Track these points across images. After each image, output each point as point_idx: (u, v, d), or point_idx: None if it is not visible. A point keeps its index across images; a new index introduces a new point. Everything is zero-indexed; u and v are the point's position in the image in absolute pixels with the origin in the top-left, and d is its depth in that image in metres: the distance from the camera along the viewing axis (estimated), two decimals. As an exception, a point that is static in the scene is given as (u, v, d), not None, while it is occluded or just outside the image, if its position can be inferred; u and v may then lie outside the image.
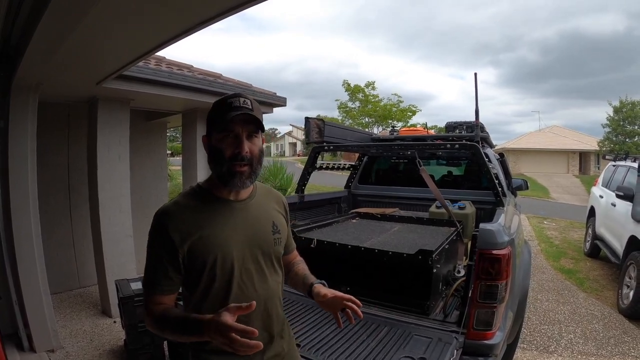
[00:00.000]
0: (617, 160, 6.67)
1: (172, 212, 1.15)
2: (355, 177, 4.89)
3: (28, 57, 2.50)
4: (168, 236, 1.12)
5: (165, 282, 1.15)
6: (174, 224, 1.13)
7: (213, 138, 1.18)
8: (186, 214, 1.16)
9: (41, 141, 3.38)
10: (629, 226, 4.66)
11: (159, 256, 1.14)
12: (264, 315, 1.25)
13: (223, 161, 1.15)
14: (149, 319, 1.17)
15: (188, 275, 1.17)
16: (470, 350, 2.05)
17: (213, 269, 1.15)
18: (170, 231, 1.12)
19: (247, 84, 5.12)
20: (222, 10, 1.95)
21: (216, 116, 1.17)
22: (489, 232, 2.10)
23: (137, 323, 3.08)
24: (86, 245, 4.73)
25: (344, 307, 1.28)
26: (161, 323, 1.15)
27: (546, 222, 10.86)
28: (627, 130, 25.48)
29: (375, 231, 3.19)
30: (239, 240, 1.20)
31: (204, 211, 1.19)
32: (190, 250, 1.13)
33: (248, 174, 1.18)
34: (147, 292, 1.18)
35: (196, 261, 1.14)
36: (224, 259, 1.16)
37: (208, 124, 1.21)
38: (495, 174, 3.29)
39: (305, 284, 1.41)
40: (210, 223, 1.17)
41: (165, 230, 1.12)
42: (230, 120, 1.13)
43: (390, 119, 24.72)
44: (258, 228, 1.26)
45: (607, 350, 3.60)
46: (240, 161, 1.15)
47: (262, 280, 1.24)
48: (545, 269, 6.29)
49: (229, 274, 1.17)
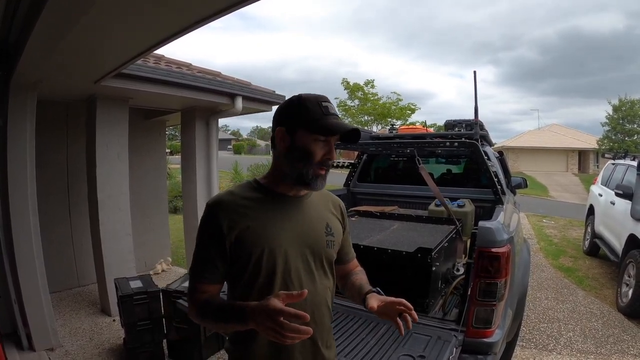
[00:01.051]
0: (616, 158, 6.68)
1: (223, 202, 1.15)
2: (355, 175, 4.88)
3: (27, 56, 2.49)
4: (217, 224, 1.12)
5: (211, 270, 1.15)
6: (224, 212, 1.13)
7: (301, 136, 1.13)
8: (237, 203, 1.16)
9: (40, 140, 3.38)
10: (628, 224, 4.66)
11: (207, 244, 1.14)
12: (310, 321, 1.05)
13: (311, 163, 1.14)
14: (191, 307, 1.16)
15: (233, 266, 1.16)
16: (469, 348, 2.05)
17: (259, 262, 1.13)
18: (219, 219, 1.12)
19: (246, 82, 5.11)
20: (220, 8, 1.94)
21: (311, 116, 1.13)
22: (488, 230, 2.10)
23: (136, 321, 3.08)
24: (85, 244, 4.73)
25: (399, 312, 1.16)
26: (204, 310, 1.13)
27: (545, 220, 10.86)
28: (627, 129, 25.51)
29: (374, 229, 3.19)
30: (288, 236, 1.17)
31: (257, 203, 1.17)
32: (238, 240, 1.12)
33: (325, 177, 1.19)
34: (193, 281, 1.17)
35: (242, 252, 1.13)
36: (270, 253, 1.13)
37: (293, 119, 1.14)
38: (494, 172, 3.29)
39: (360, 294, 1.32)
40: (261, 215, 1.16)
41: (215, 218, 1.13)
42: (331, 126, 1.12)
43: (390, 117, 24.70)
44: (310, 227, 1.22)
45: (606, 348, 3.60)
46: (326, 166, 1.17)
47: (310, 282, 1.19)
48: (544, 267, 6.30)
49: (273, 269, 1.14)
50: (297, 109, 1.14)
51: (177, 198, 10.01)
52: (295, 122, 1.14)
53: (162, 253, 5.94)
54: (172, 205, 9.73)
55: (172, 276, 5.24)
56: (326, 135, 1.14)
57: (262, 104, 5.27)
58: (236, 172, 14.34)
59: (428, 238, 2.84)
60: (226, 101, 4.70)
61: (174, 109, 5.23)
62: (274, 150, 1.20)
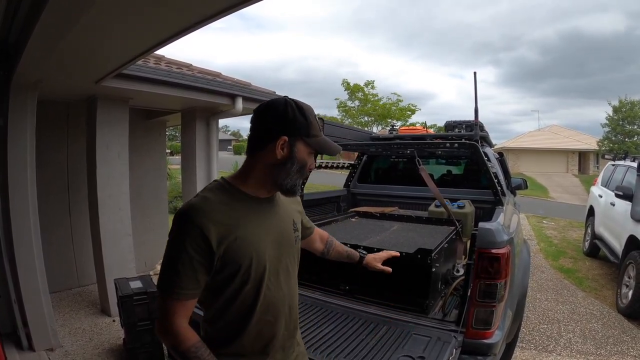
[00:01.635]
0: (617, 159, 6.68)
1: (205, 210, 1.07)
2: (355, 176, 4.89)
3: (27, 56, 2.49)
4: (203, 236, 1.04)
5: (192, 285, 1.05)
6: (209, 223, 1.05)
7: (300, 148, 1.14)
8: (219, 211, 1.08)
9: (40, 140, 3.38)
10: (628, 225, 4.66)
11: (189, 258, 1.04)
12: (287, 315, 1.24)
13: (303, 173, 1.17)
14: (170, 334, 1.06)
15: (215, 277, 1.09)
16: (469, 349, 2.05)
17: (248, 271, 1.11)
18: (205, 231, 1.04)
19: (246, 83, 5.11)
20: (220, 9, 1.94)
21: (312, 132, 1.14)
22: (488, 231, 2.10)
23: (136, 322, 3.08)
24: (85, 244, 4.72)
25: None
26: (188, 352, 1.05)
27: (545, 221, 10.86)
28: (627, 130, 25.54)
29: (374, 230, 3.19)
30: (268, 240, 1.17)
31: (237, 209, 1.12)
32: (226, 252, 1.07)
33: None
34: (169, 298, 1.06)
35: (230, 263, 1.08)
36: (258, 261, 1.12)
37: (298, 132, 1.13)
38: (494, 173, 3.29)
39: (351, 259, 1.74)
40: (244, 222, 1.12)
41: (200, 230, 1.03)
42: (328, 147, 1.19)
43: (390, 118, 24.72)
44: (282, 227, 1.24)
45: (606, 349, 3.60)
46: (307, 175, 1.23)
47: (287, 279, 1.23)
48: (544, 268, 6.30)
49: (261, 275, 1.14)
50: (305, 120, 1.13)
51: (177, 198, 9.99)
52: (300, 134, 1.13)
53: (162, 253, 5.85)
54: (172, 206, 9.69)
55: (172, 276, 5.23)
56: (317, 149, 1.18)
57: (262, 104, 5.26)
58: (236, 172, 14.32)
59: (428, 239, 2.84)
60: (226, 102, 4.70)
61: (174, 109, 5.23)
62: (259, 153, 1.14)
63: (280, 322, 1.21)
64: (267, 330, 1.18)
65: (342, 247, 1.74)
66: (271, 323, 1.19)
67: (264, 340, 1.19)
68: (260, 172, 1.15)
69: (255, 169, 1.15)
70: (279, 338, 1.22)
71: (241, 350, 1.17)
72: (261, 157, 1.14)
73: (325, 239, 1.68)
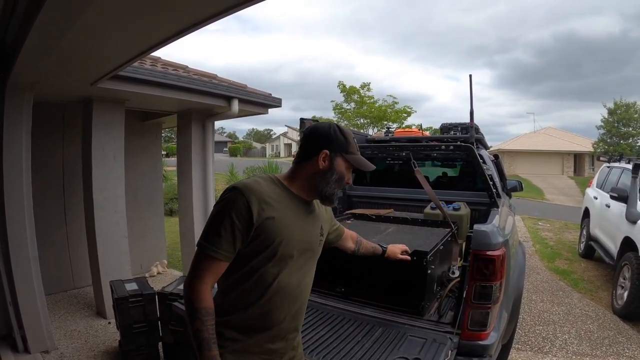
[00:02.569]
0: (612, 161, 6.72)
1: (253, 189, 1.23)
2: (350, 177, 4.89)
3: (24, 56, 2.49)
4: (247, 208, 1.19)
5: (228, 249, 1.20)
6: (255, 198, 1.21)
7: (339, 163, 1.34)
8: (265, 194, 1.25)
9: (36, 141, 3.37)
10: (623, 227, 4.69)
11: (232, 224, 1.19)
12: (298, 311, 1.37)
13: (341, 184, 1.36)
14: (193, 289, 1.19)
15: (246, 247, 1.23)
16: (464, 351, 2.06)
17: (275, 250, 1.24)
18: (250, 202, 1.20)
19: (242, 85, 5.11)
20: (217, 11, 1.95)
21: (350, 150, 1.35)
22: (483, 233, 2.11)
23: (131, 324, 3.07)
24: (81, 246, 4.71)
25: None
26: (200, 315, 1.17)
27: (541, 223, 10.91)
28: (622, 132, 25.68)
29: (370, 232, 3.19)
30: (299, 233, 1.31)
31: (280, 199, 1.28)
32: (262, 225, 1.21)
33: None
34: (206, 256, 1.21)
35: (263, 236, 1.22)
36: (287, 244, 1.26)
37: (339, 148, 1.33)
38: (489, 175, 3.31)
39: (376, 252, 2.01)
40: (284, 210, 1.28)
41: (246, 202, 1.19)
42: (363, 164, 1.39)
43: (386, 120, 24.72)
44: (312, 229, 1.40)
45: (602, 350, 3.62)
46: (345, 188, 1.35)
47: (303, 275, 1.36)
48: (539, 269, 6.32)
49: (286, 259, 1.27)
50: (345, 140, 1.34)
51: (172, 200, 9.95)
52: (340, 150, 1.33)
53: (157, 255, 5.93)
54: (168, 208, 9.69)
55: (168, 279, 5.23)
56: (354, 166, 1.38)
57: (258, 106, 5.28)
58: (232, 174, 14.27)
59: (423, 241, 2.84)
60: (222, 104, 4.70)
61: (170, 111, 5.23)
62: (305, 163, 1.34)
63: (288, 310, 1.31)
64: (273, 314, 1.29)
65: (368, 244, 1.98)
66: (279, 307, 1.29)
67: (268, 323, 1.29)
68: (304, 179, 1.34)
69: (301, 175, 1.35)
70: (283, 326, 1.32)
71: (241, 322, 1.27)
72: (307, 166, 1.34)
73: (355, 239, 1.90)
